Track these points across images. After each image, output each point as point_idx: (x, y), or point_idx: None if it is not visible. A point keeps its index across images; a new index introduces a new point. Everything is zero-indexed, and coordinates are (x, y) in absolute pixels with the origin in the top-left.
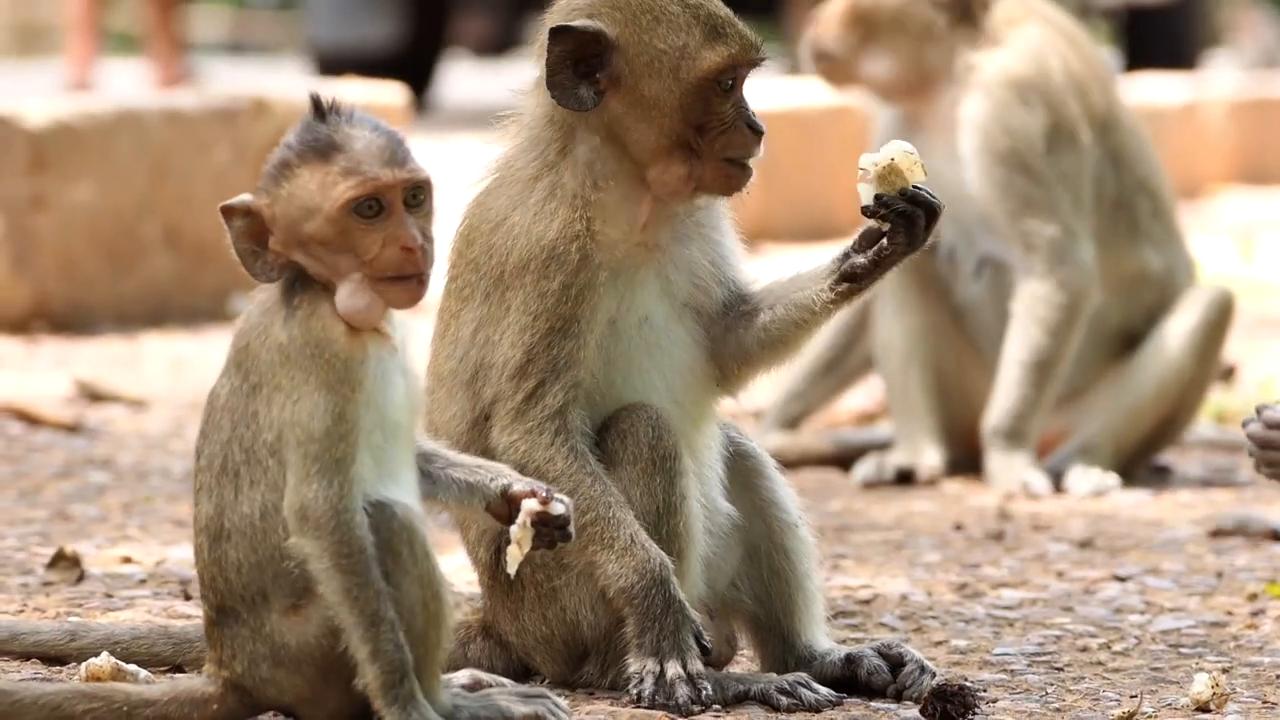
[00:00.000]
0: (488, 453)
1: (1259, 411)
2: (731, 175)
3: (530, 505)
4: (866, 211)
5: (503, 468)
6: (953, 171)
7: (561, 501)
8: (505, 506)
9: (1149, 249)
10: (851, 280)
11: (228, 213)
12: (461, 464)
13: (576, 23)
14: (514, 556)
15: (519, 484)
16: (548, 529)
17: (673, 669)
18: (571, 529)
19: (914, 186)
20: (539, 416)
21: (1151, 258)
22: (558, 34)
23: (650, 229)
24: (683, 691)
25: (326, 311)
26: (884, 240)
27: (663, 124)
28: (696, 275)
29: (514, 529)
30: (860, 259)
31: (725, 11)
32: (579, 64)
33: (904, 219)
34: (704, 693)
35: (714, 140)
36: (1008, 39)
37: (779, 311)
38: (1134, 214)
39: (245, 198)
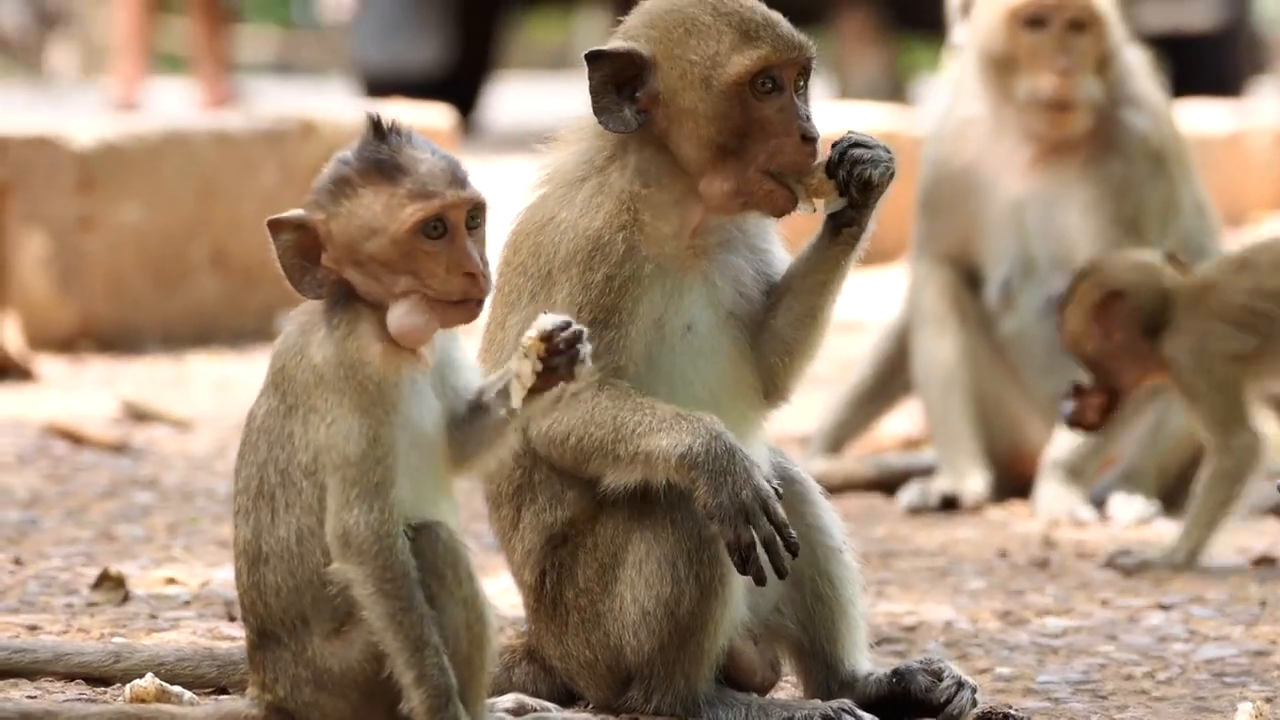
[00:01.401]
0: (537, 456)
1: None
2: (774, 194)
3: (529, 334)
4: (840, 184)
5: (505, 380)
6: (1046, 210)
7: (560, 319)
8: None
9: None
10: (848, 225)
11: (277, 226)
12: (494, 405)
13: (610, 46)
14: (515, 391)
15: (518, 374)
16: (554, 359)
17: (765, 527)
18: (582, 349)
19: (831, 155)
20: (577, 390)
21: None
22: (594, 59)
23: (699, 235)
24: (783, 551)
25: (364, 332)
26: (849, 172)
27: (703, 135)
28: (741, 284)
29: (511, 362)
30: (842, 202)
31: (762, 14)
32: (620, 86)
33: (862, 158)
34: (792, 540)
35: (760, 148)
36: (1142, 103)
37: (798, 284)
38: (1208, 255)
39: (299, 212)
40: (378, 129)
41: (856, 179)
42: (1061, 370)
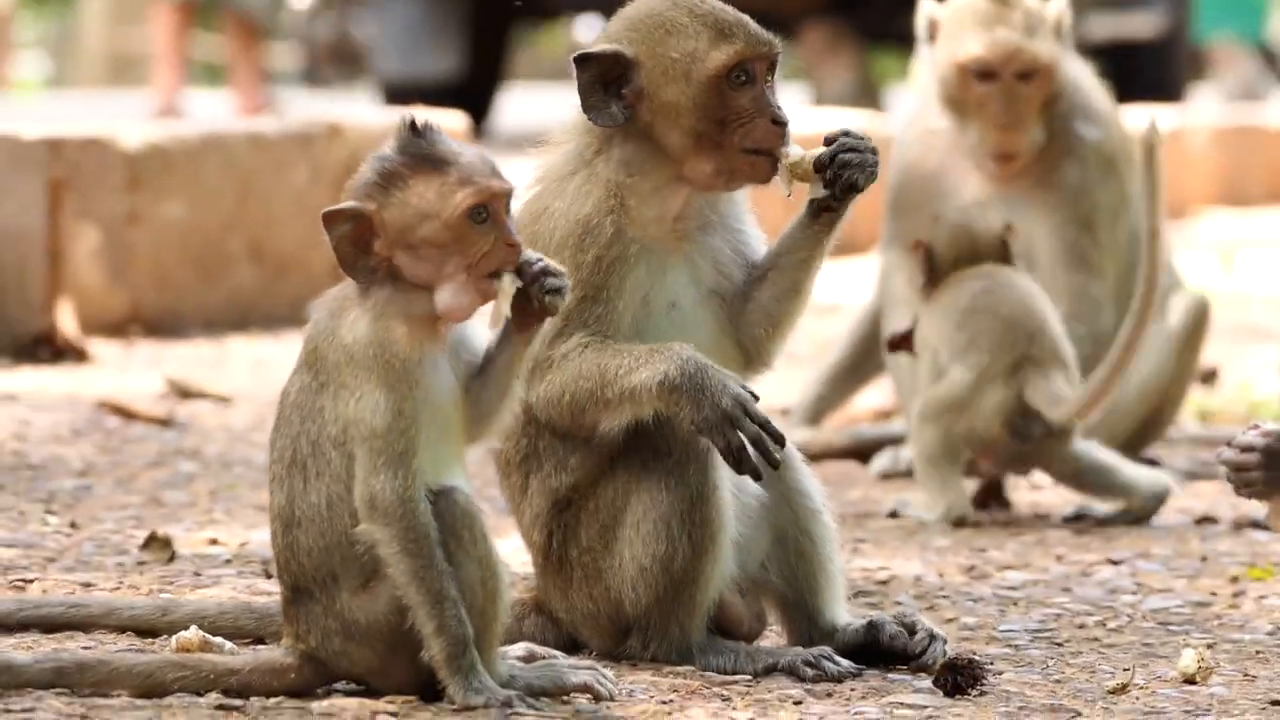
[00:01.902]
0: (541, 425)
1: (1229, 443)
2: (756, 164)
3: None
4: (826, 181)
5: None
6: (1007, 211)
7: (535, 254)
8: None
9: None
10: (828, 210)
11: (333, 218)
12: (492, 360)
13: (596, 49)
14: (502, 306)
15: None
16: (529, 286)
17: (750, 428)
18: (550, 281)
19: (823, 154)
20: (566, 352)
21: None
22: (581, 61)
23: (681, 220)
24: (772, 445)
25: (391, 315)
26: (837, 174)
27: (684, 125)
28: (720, 263)
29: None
30: (824, 193)
31: (734, 15)
32: (607, 85)
33: (850, 162)
34: (777, 433)
35: (734, 134)
36: (1093, 114)
37: (781, 261)
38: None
39: (353, 203)
40: (414, 127)
41: (843, 181)
42: None
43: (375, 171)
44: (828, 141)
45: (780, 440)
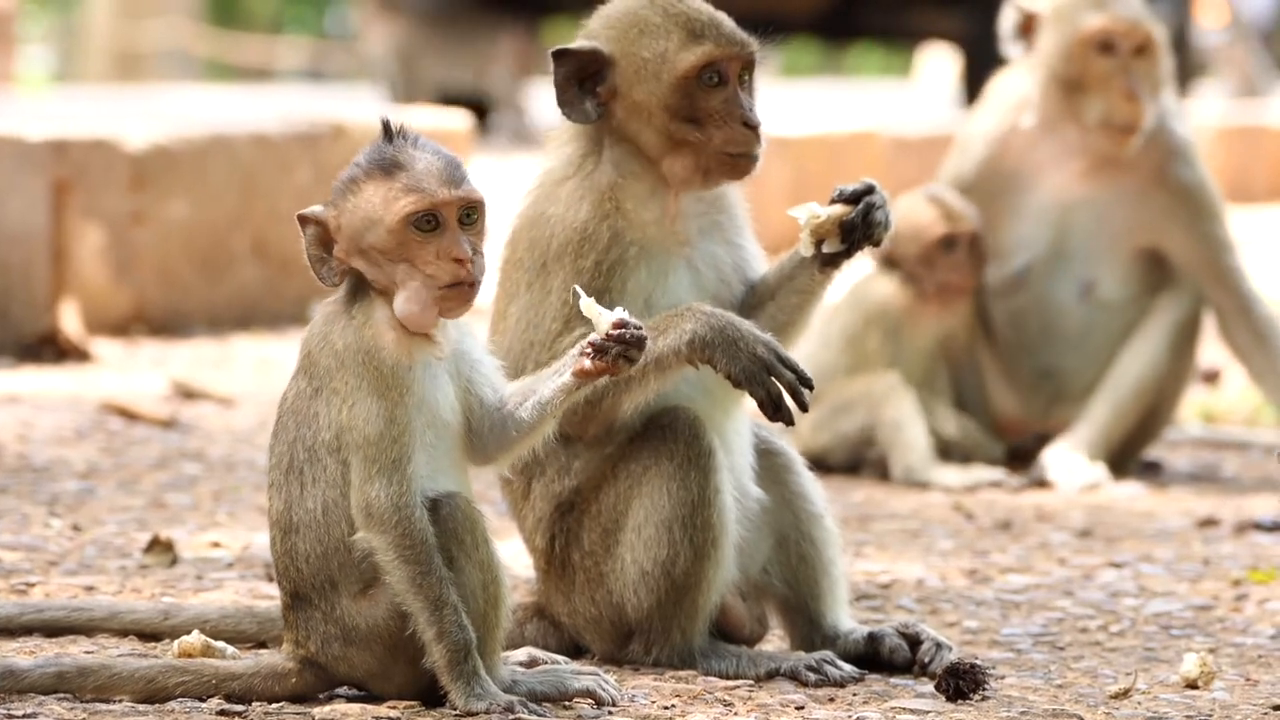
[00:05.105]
0: None
1: None
2: (733, 164)
3: (584, 360)
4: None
5: (555, 368)
6: (1095, 211)
7: (617, 315)
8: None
9: None
10: (833, 265)
11: (302, 221)
12: (534, 391)
13: (573, 45)
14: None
15: (574, 356)
16: (613, 344)
17: (786, 374)
18: (638, 353)
19: (854, 215)
20: (572, 344)
21: None
22: (559, 57)
23: (679, 222)
24: (804, 396)
25: (379, 320)
26: (866, 234)
27: (656, 124)
28: (722, 271)
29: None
30: (837, 248)
31: (708, 15)
32: (582, 81)
33: (878, 220)
34: (807, 377)
35: (710, 135)
36: (1172, 109)
37: (781, 299)
38: None
39: (316, 209)
40: (387, 131)
41: (871, 240)
42: (1046, 350)
43: (342, 177)
44: (846, 199)
45: (810, 384)
